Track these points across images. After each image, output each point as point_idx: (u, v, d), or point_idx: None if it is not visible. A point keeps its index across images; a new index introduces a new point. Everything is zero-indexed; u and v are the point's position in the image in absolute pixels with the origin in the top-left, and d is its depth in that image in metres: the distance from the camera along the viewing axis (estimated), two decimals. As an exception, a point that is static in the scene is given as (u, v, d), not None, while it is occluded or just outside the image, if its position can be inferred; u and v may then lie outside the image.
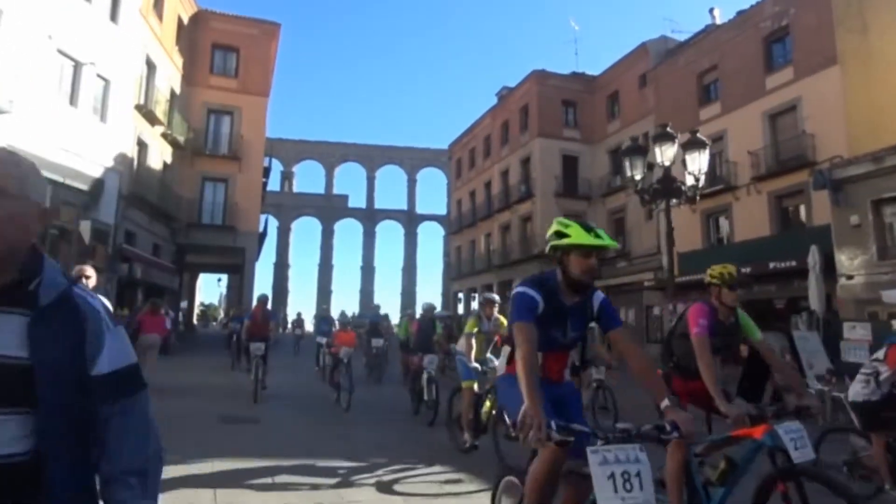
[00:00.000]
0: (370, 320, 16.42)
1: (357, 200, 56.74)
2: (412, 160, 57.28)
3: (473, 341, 6.44)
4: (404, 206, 57.66)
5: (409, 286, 57.39)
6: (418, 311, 18.43)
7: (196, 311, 42.74)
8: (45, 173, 6.57)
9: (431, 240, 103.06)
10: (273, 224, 46.64)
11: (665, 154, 9.51)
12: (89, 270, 5.17)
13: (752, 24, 22.25)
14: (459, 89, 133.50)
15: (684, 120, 21.61)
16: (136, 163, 20.84)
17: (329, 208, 55.40)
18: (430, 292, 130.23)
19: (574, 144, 31.31)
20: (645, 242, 26.91)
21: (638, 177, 9.61)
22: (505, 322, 6.30)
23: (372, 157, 56.34)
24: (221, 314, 44.95)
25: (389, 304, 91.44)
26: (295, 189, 55.61)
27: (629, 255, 27.92)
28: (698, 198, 9.79)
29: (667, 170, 9.50)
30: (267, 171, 28.62)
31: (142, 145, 21.53)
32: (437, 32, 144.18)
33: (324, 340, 13.79)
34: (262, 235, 29.58)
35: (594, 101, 31.48)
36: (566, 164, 31.04)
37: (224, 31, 27.14)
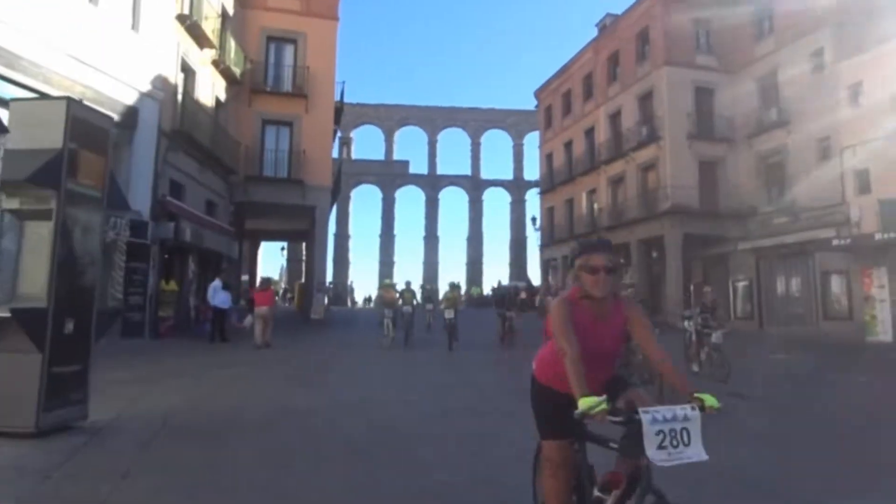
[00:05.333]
0: None
1: (419, 166, 52.28)
2: (476, 122, 53.00)
3: None
4: (468, 172, 52.64)
5: (475, 256, 52.48)
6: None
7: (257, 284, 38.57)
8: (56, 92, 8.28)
9: (497, 207, 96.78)
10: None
11: None
12: None
13: None
14: (523, 40, 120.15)
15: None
16: (180, 92, 16.12)
17: (389, 175, 51.32)
18: (498, 263, 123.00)
19: (709, 74, 25.01)
20: (816, 192, 20.79)
21: None
22: None
23: (433, 120, 52.24)
24: (283, 287, 40.33)
25: (454, 275, 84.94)
26: (353, 156, 51.29)
27: (792, 208, 21.86)
28: None
29: None
30: (339, 113, 23.60)
31: (187, 71, 16.85)
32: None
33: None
34: (336, 191, 24.67)
35: (735, 17, 24.97)
36: (699, 99, 24.90)
37: (283, -61, 22.14)
